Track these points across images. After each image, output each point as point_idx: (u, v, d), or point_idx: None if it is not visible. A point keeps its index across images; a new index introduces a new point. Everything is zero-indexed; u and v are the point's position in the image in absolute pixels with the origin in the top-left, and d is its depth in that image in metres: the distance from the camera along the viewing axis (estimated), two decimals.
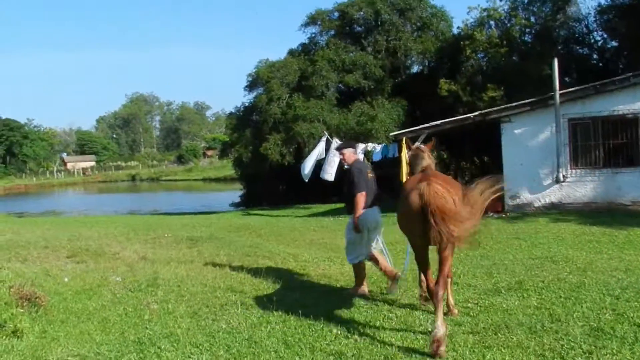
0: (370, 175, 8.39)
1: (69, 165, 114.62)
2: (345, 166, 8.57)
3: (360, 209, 8.06)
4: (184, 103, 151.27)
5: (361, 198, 8.05)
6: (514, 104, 19.42)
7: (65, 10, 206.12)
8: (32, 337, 6.63)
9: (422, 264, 6.46)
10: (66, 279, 9.82)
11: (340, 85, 34.00)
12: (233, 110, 40.12)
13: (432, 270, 6.33)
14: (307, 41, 37.35)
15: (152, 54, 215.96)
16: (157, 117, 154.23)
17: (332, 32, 36.00)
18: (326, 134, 23.89)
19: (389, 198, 10.12)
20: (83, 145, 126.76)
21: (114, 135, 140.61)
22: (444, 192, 5.96)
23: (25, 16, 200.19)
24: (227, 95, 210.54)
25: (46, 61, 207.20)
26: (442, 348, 5.63)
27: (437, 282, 6.10)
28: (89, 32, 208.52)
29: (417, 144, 7.78)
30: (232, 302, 8.07)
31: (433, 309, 6.13)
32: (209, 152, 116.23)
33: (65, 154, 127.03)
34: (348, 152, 8.68)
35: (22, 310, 7.20)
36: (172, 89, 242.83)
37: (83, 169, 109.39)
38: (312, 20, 36.28)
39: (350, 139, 9.11)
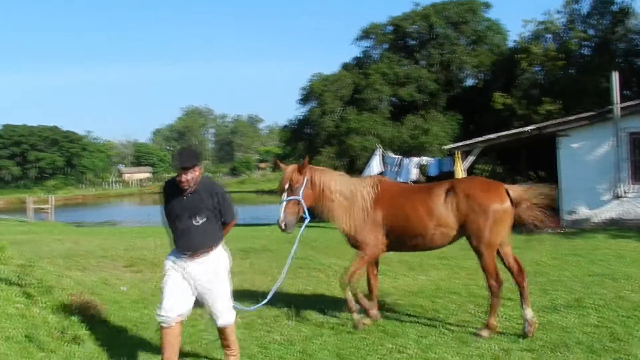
0: None
1: (126, 177, 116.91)
2: (187, 189, 5.86)
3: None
4: (237, 116, 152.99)
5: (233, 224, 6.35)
6: (571, 118, 19.04)
7: (125, 26, 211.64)
8: (91, 344, 6.77)
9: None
10: (124, 288, 10.04)
11: (393, 98, 33.84)
12: (286, 124, 40.36)
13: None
14: (360, 55, 37.36)
15: (207, 67, 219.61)
16: (212, 130, 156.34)
17: (386, 46, 35.93)
18: (380, 147, 23.90)
19: None
20: (140, 157, 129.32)
21: (170, 147, 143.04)
22: None
23: (86, 30, 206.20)
24: (280, 108, 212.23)
25: (106, 75, 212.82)
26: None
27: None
28: (147, 47, 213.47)
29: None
30: (285, 314, 8.10)
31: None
32: (262, 165, 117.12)
33: (122, 165, 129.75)
34: (199, 167, 5.98)
35: (81, 318, 7.38)
36: (227, 102, 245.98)
37: (139, 180, 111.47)
38: (366, 34, 36.31)
39: (193, 148, 7.05)
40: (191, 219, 5.88)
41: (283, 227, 7.16)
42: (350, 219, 7.36)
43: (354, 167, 29.14)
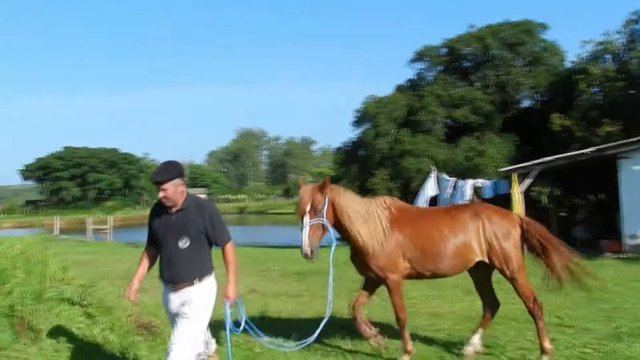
0: None
1: None
2: (171, 207, 5.45)
3: (236, 272, 5.64)
4: (291, 138, 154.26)
5: (234, 246, 5.71)
6: (633, 140, 18.57)
7: (180, 48, 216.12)
8: None
9: None
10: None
11: (448, 120, 33.59)
12: (340, 145, 40.45)
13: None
14: (414, 77, 37.30)
15: (262, 90, 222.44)
16: (265, 152, 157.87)
17: (440, 68, 35.78)
18: (434, 169, 23.73)
19: None
20: (195, 178, 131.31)
21: (224, 169, 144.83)
22: None
23: (143, 55, 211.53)
24: (333, 130, 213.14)
25: (163, 98, 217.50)
26: None
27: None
28: (202, 70, 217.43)
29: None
30: (341, 337, 8.06)
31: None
32: None
33: None
34: (179, 182, 5.45)
35: (140, 339, 7.49)
36: (280, 125, 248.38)
37: None
38: (419, 56, 36.25)
39: (174, 161, 5.61)
40: (177, 241, 5.36)
41: (308, 254, 6.45)
42: (373, 240, 6.83)
43: (409, 189, 28.98)
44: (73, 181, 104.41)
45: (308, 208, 6.63)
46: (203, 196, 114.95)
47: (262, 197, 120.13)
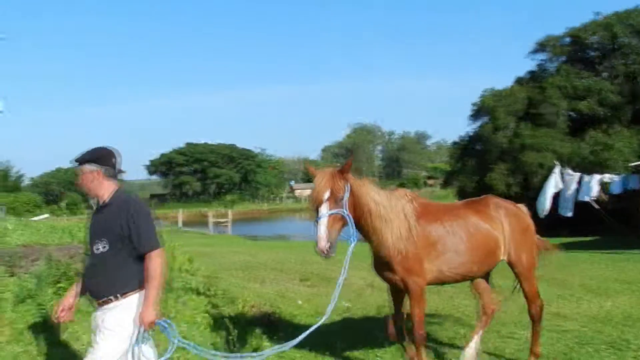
0: None
1: (297, 192, 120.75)
2: (93, 198, 4.67)
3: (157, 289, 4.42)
4: (405, 133, 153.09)
5: (162, 256, 4.52)
6: None
7: (295, 46, 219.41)
8: (272, 357, 6.96)
9: None
10: (299, 302, 10.27)
11: (571, 112, 32.28)
12: (456, 140, 39.84)
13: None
14: (535, 68, 36.07)
15: (375, 84, 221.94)
16: (379, 147, 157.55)
17: (563, 58, 34.44)
18: (557, 164, 22.81)
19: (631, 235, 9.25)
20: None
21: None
22: None
23: (261, 53, 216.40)
24: (448, 124, 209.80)
25: (278, 94, 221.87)
26: None
27: None
28: (315, 66, 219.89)
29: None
30: (461, 335, 7.88)
31: None
32: (430, 182, 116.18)
33: (293, 181, 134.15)
34: (91, 169, 4.55)
35: (262, 329, 7.63)
36: (395, 119, 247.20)
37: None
38: (541, 47, 35.02)
39: (101, 146, 4.55)
40: (94, 245, 4.47)
41: (326, 250, 5.28)
42: (400, 239, 5.76)
43: (529, 185, 28.16)
44: (194, 176, 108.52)
45: (327, 196, 5.50)
46: None
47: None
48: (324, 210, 5.44)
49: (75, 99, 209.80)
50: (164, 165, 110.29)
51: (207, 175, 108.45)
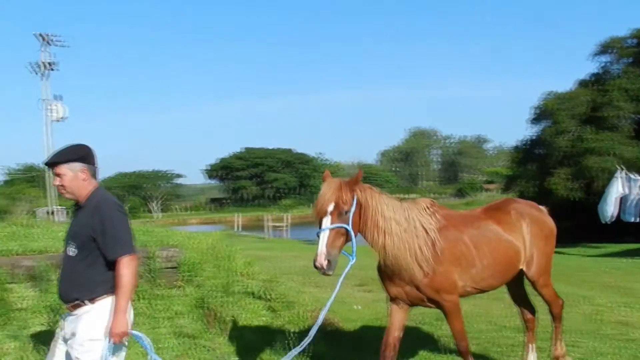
0: None
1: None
2: (71, 199, 4.40)
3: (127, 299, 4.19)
4: (463, 137, 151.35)
5: (134, 263, 4.23)
6: None
7: (353, 51, 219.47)
8: None
9: None
10: (357, 307, 10.25)
11: (636, 115, 31.40)
12: (516, 144, 39.21)
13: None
14: (599, 70, 35.24)
15: (433, 89, 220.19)
16: (436, 151, 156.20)
17: (628, 60, 33.52)
18: (621, 168, 22.22)
19: None
20: (366, 177, 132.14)
21: (397, 169, 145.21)
22: None
23: (318, 58, 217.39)
24: (508, 128, 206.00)
25: (336, 98, 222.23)
26: None
27: None
28: (371, 71, 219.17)
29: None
30: (521, 343, 7.73)
31: None
32: (490, 186, 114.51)
33: None
34: (75, 168, 4.26)
35: (321, 334, 7.64)
36: (452, 123, 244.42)
37: None
38: (604, 48, 34.22)
39: (80, 144, 4.28)
40: (67, 247, 4.25)
41: (324, 265, 4.90)
42: (422, 260, 5.30)
43: (591, 190, 27.56)
44: (252, 180, 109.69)
45: (331, 208, 5.11)
46: None
47: (434, 197, 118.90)
48: (326, 223, 5.09)
49: (136, 105, 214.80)
50: (222, 170, 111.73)
51: (264, 179, 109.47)
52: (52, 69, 48.10)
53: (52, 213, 38.42)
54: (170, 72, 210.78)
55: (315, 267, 4.94)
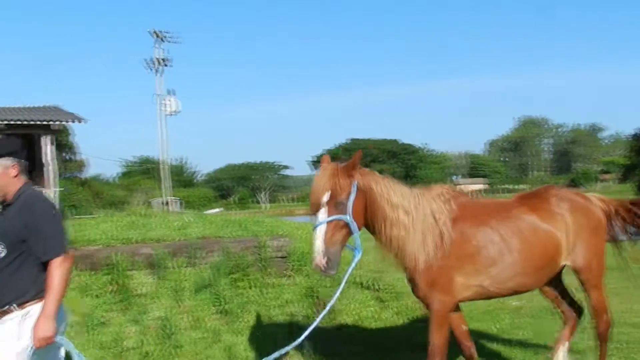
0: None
1: (461, 188, 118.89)
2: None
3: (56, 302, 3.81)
4: (576, 125, 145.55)
5: (67, 264, 3.90)
6: None
7: (456, 40, 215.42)
8: None
9: None
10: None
11: None
12: (635, 132, 37.34)
13: None
14: None
15: (544, 77, 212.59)
16: (548, 140, 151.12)
17: None
18: None
19: None
20: (474, 168, 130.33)
21: (506, 159, 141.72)
22: None
23: (421, 48, 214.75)
24: (627, 115, 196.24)
25: (441, 89, 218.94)
26: None
27: None
28: (477, 59, 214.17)
29: None
30: (636, 340, 7.34)
31: None
32: (605, 177, 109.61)
33: (457, 176, 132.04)
34: (6, 163, 3.92)
35: (426, 325, 7.59)
36: (565, 111, 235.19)
37: (474, 191, 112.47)
38: None
39: (11, 136, 5.44)
40: None
41: (324, 266, 4.30)
42: (422, 247, 4.67)
43: None
44: None
45: (326, 198, 4.44)
46: (480, 187, 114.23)
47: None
48: (322, 216, 4.43)
49: (245, 98, 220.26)
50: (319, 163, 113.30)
51: (370, 170, 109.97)
52: (165, 65, 49.70)
53: (167, 204, 39.94)
54: (278, 64, 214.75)
55: (314, 268, 4.43)
